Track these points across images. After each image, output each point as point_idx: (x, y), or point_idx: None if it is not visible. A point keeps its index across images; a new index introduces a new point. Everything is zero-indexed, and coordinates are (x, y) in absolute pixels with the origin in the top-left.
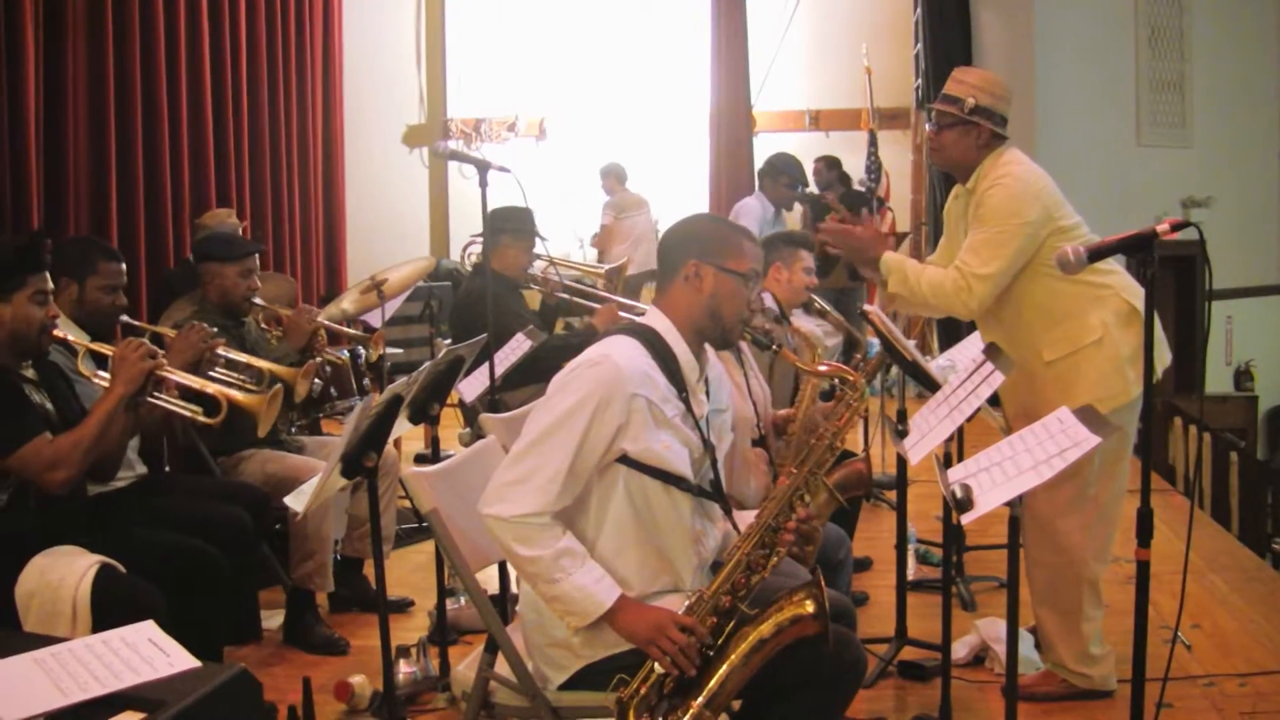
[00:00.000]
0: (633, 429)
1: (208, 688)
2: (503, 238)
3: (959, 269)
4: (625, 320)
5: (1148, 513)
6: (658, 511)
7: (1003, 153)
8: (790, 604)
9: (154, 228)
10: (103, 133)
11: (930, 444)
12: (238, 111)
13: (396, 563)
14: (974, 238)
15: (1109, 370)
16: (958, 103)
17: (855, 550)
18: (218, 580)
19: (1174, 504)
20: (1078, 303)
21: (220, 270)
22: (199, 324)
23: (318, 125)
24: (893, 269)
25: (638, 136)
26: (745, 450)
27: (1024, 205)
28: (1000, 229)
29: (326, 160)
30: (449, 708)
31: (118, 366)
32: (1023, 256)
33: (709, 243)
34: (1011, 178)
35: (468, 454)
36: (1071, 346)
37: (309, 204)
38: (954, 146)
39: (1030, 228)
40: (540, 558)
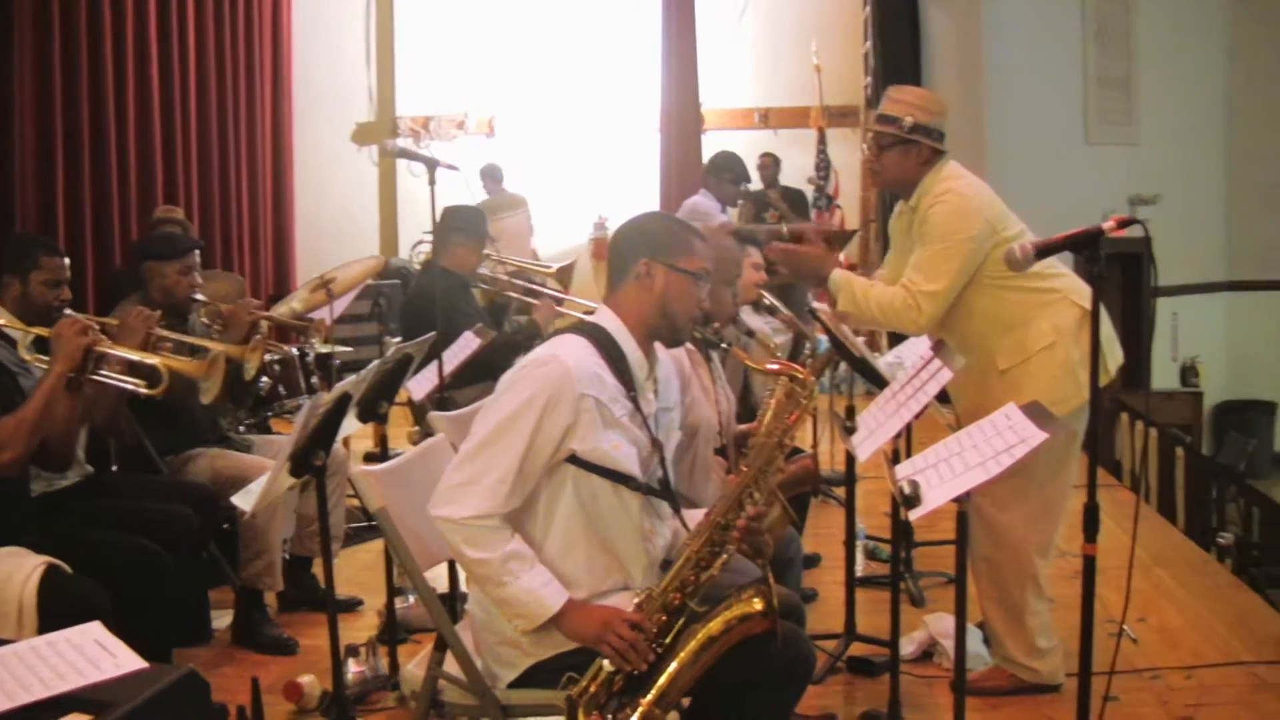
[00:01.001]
0: (581, 429)
1: (155, 689)
2: (453, 237)
3: (906, 287)
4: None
5: (1094, 508)
6: (606, 511)
7: (942, 168)
8: (739, 602)
9: (101, 226)
10: (49, 130)
11: (878, 440)
12: (186, 109)
13: (345, 562)
14: (919, 255)
15: (1060, 375)
16: (896, 122)
17: (804, 547)
18: (165, 580)
19: (1121, 499)
20: (1026, 310)
21: (160, 269)
22: (140, 307)
23: (266, 123)
24: (841, 288)
25: (588, 134)
26: (705, 455)
27: (967, 221)
28: (944, 245)
29: (275, 158)
30: (398, 707)
31: (55, 344)
32: (968, 271)
33: (660, 241)
34: (953, 194)
35: (416, 452)
36: (1024, 353)
37: (258, 202)
38: (895, 166)
39: (974, 243)
40: (489, 560)
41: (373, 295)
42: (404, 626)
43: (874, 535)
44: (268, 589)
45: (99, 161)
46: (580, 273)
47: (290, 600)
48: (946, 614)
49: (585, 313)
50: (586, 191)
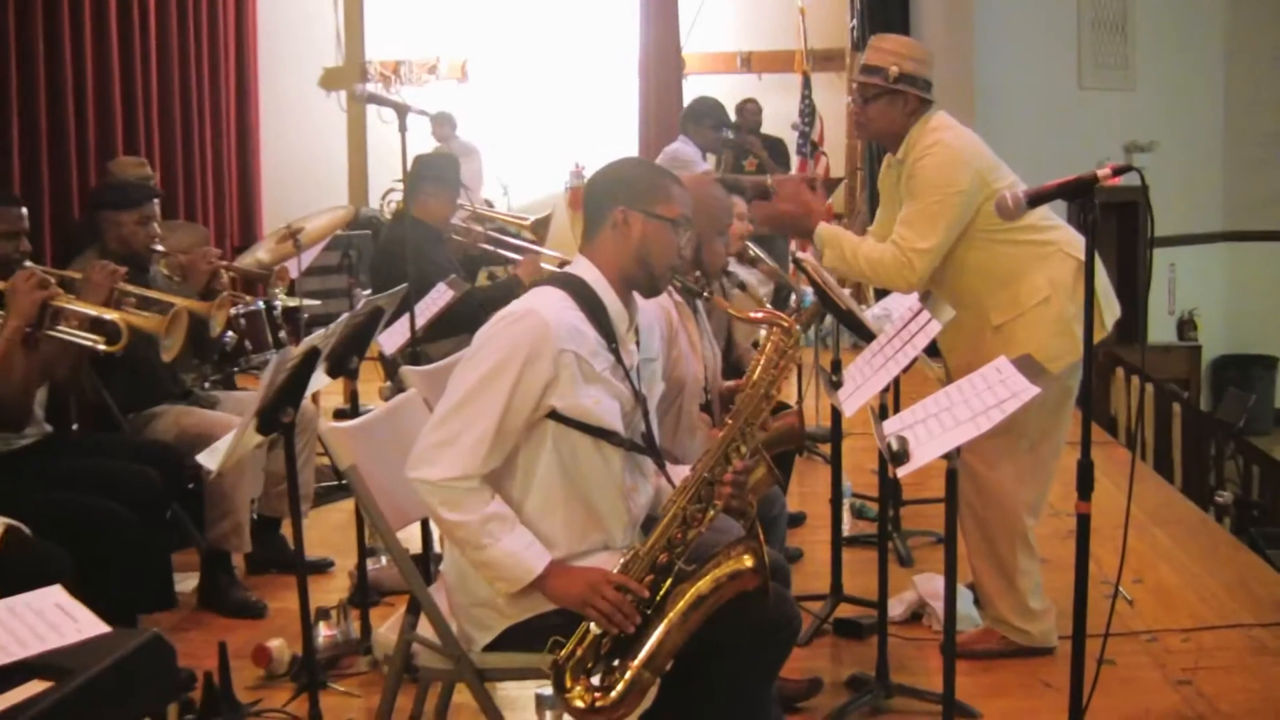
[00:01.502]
0: (561, 385)
1: (119, 654)
2: (425, 185)
3: (896, 244)
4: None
5: (1088, 465)
6: (587, 468)
7: (930, 118)
8: (729, 559)
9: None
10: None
11: (865, 395)
12: (146, 54)
13: (315, 522)
14: (908, 211)
15: (1056, 330)
16: (880, 73)
17: (789, 505)
18: (128, 543)
19: (1116, 456)
20: (1021, 263)
21: (116, 219)
22: (105, 261)
23: (230, 68)
24: (828, 242)
25: (564, 79)
26: (692, 411)
27: (956, 173)
28: (934, 200)
29: (240, 105)
30: (371, 671)
31: (10, 298)
32: (959, 225)
33: (637, 188)
34: (941, 145)
35: (388, 408)
36: (1018, 309)
37: (222, 150)
38: (881, 118)
39: (964, 196)
40: (468, 523)
41: (342, 246)
42: (376, 588)
43: (861, 493)
44: (235, 550)
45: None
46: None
47: (258, 562)
48: (936, 574)
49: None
50: (563, 139)
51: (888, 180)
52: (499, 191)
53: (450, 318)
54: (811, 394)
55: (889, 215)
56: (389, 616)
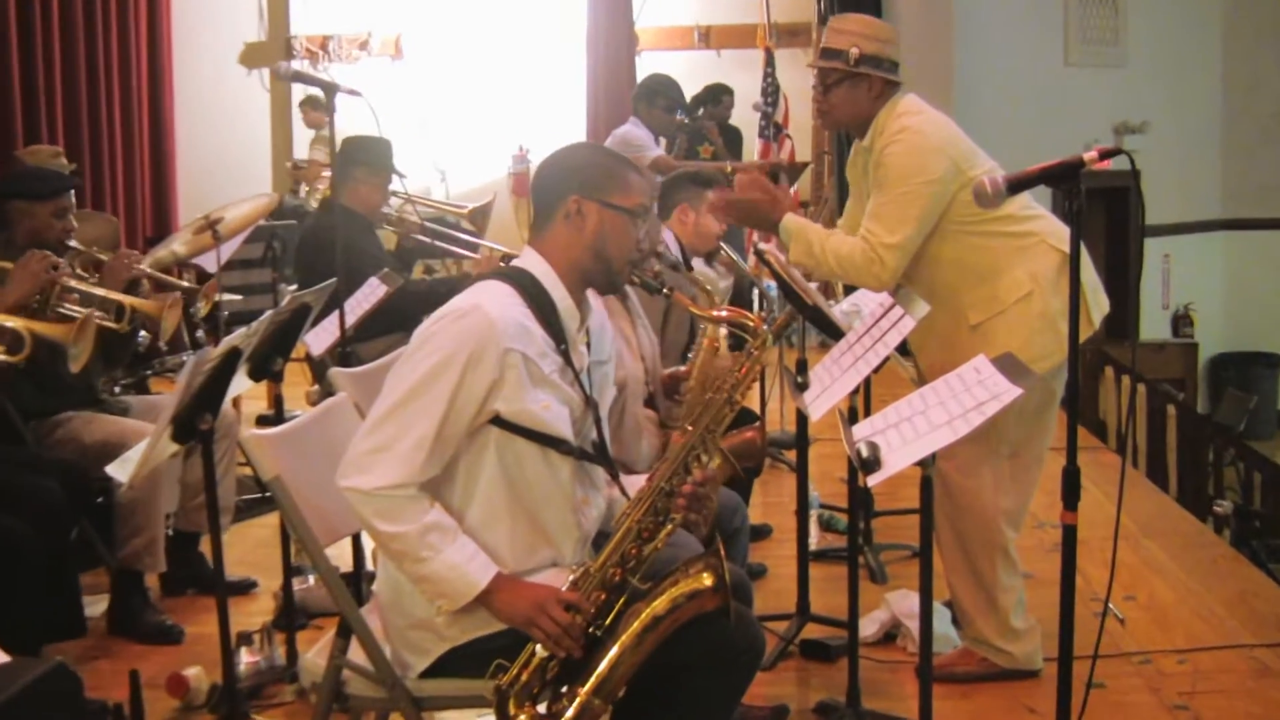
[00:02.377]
0: (506, 387)
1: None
2: (355, 171)
3: (866, 239)
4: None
5: (1075, 472)
6: (533, 478)
7: (898, 102)
8: (687, 577)
9: None
10: None
11: (833, 398)
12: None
13: (237, 538)
14: (876, 203)
15: (1040, 328)
16: (841, 56)
17: (752, 517)
18: (30, 564)
19: (1105, 462)
20: (999, 256)
21: (30, 209)
22: (42, 251)
23: (141, 44)
24: (795, 236)
25: (506, 55)
26: (637, 412)
27: (927, 160)
28: (903, 190)
29: (152, 84)
30: (297, 700)
31: None
32: (932, 217)
33: (592, 176)
34: (910, 131)
35: (316, 414)
36: (998, 306)
37: (133, 133)
38: (844, 105)
39: (936, 185)
40: (405, 534)
41: (265, 237)
42: (303, 610)
43: (829, 504)
44: (148, 570)
45: None
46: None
47: (174, 582)
48: (911, 591)
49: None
50: (505, 120)
51: (856, 168)
52: (436, 177)
53: (384, 315)
54: (776, 396)
55: (859, 206)
56: (317, 640)
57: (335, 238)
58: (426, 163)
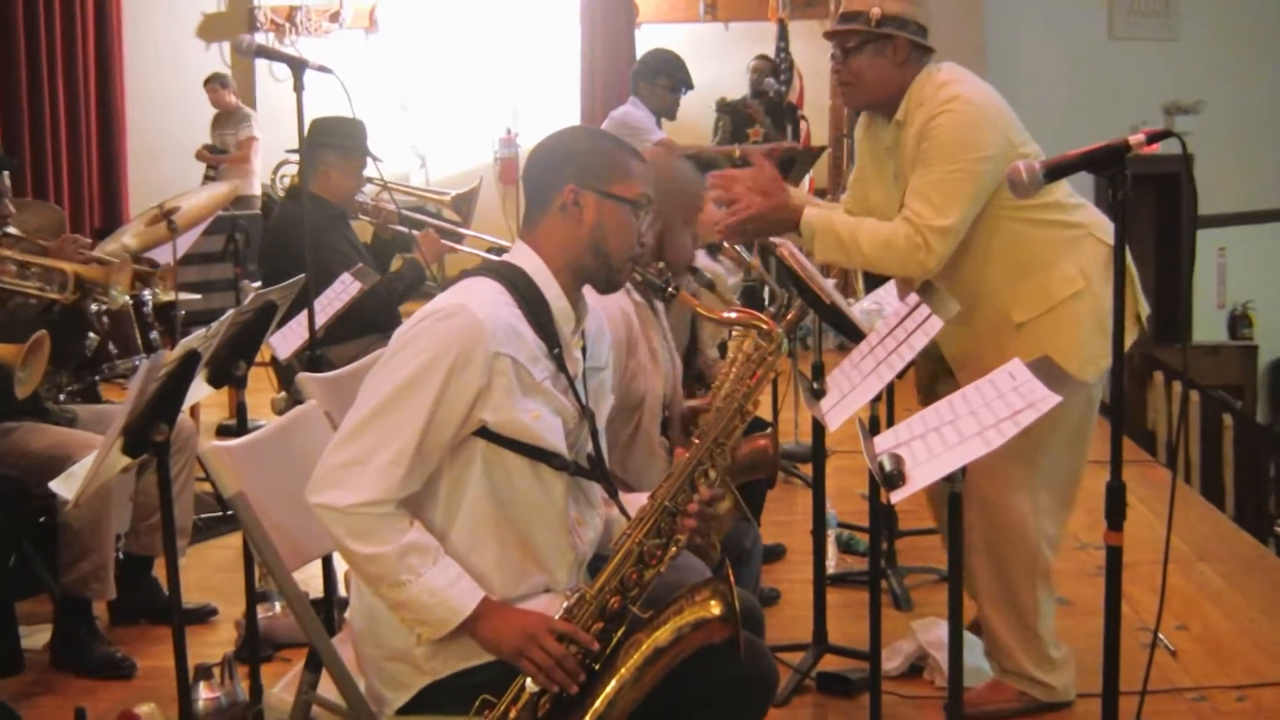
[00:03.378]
0: (494, 395)
1: None
2: (325, 156)
3: (910, 222)
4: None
5: (1120, 488)
6: (523, 495)
7: (936, 71)
8: (692, 605)
9: None
10: None
11: (853, 406)
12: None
13: (195, 561)
14: (922, 181)
15: (1092, 328)
16: (860, 17)
17: (764, 537)
18: None
19: (1153, 478)
20: (1050, 248)
21: None
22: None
23: (88, 16)
24: (818, 232)
25: (492, 28)
26: (651, 432)
27: (981, 135)
28: (954, 168)
29: (100, 59)
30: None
31: None
32: (983, 198)
33: (589, 163)
34: (961, 100)
35: (282, 424)
36: (1046, 303)
37: (79, 114)
38: (869, 72)
39: (990, 163)
40: (382, 555)
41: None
42: (268, 641)
43: (848, 523)
44: (96, 597)
45: None
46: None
47: (125, 611)
48: (938, 619)
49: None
50: (491, 100)
51: (868, 143)
52: (415, 163)
53: (357, 315)
54: (789, 405)
55: (867, 188)
56: (284, 674)
57: (304, 229)
58: (404, 147)
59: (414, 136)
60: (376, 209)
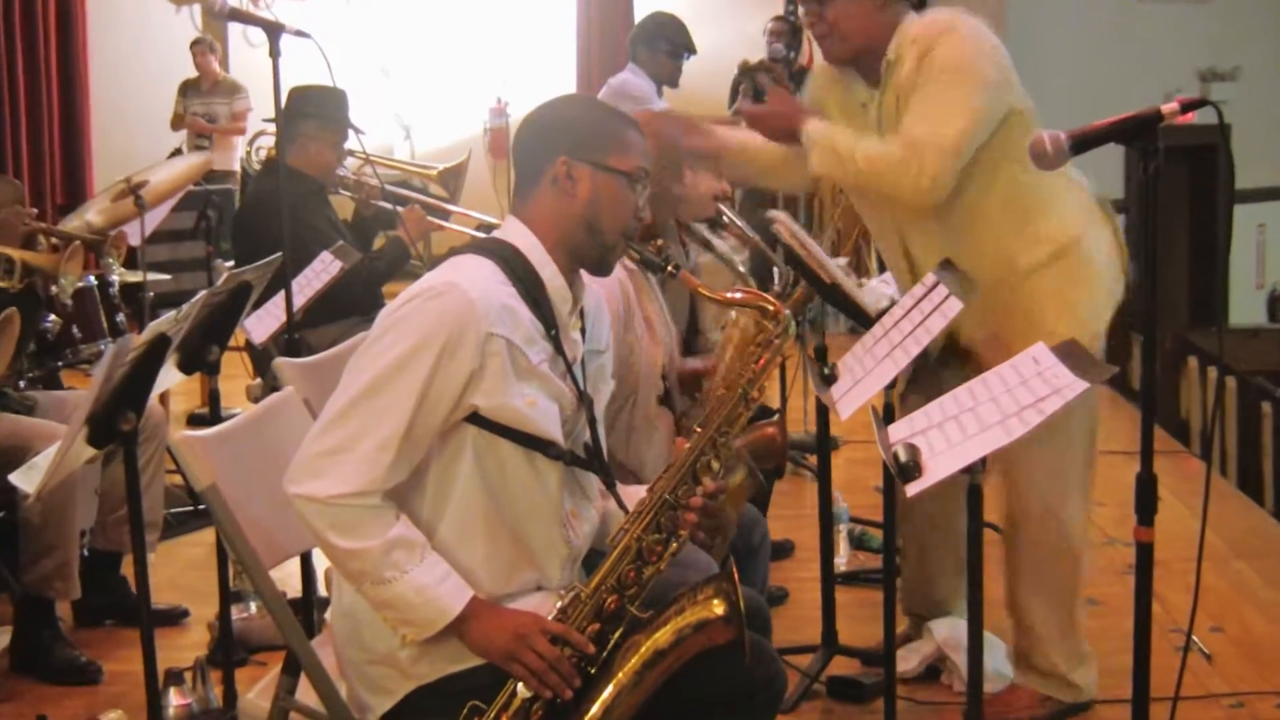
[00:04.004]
0: (487, 379)
1: None
2: (304, 127)
3: (906, 138)
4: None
5: (1150, 480)
6: (516, 486)
7: (929, 11)
8: (694, 604)
9: None
10: None
11: (866, 393)
12: None
13: (165, 559)
14: (919, 103)
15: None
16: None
17: (772, 533)
18: None
19: (1186, 469)
20: (1046, 193)
21: None
22: None
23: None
24: (817, 141)
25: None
26: (648, 408)
27: (980, 63)
28: (953, 90)
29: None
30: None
31: None
32: (983, 126)
33: (584, 134)
34: (957, 34)
35: (258, 412)
36: (1052, 245)
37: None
38: (845, 21)
39: (991, 90)
40: (366, 550)
41: (197, 205)
42: (242, 643)
43: (861, 517)
44: (60, 597)
45: None
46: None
47: (91, 612)
48: (957, 618)
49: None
50: (480, 67)
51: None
52: (399, 134)
53: (338, 296)
54: (798, 391)
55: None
56: (260, 679)
57: (280, 205)
58: (388, 116)
59: (398, 105)
60: (358, 184)
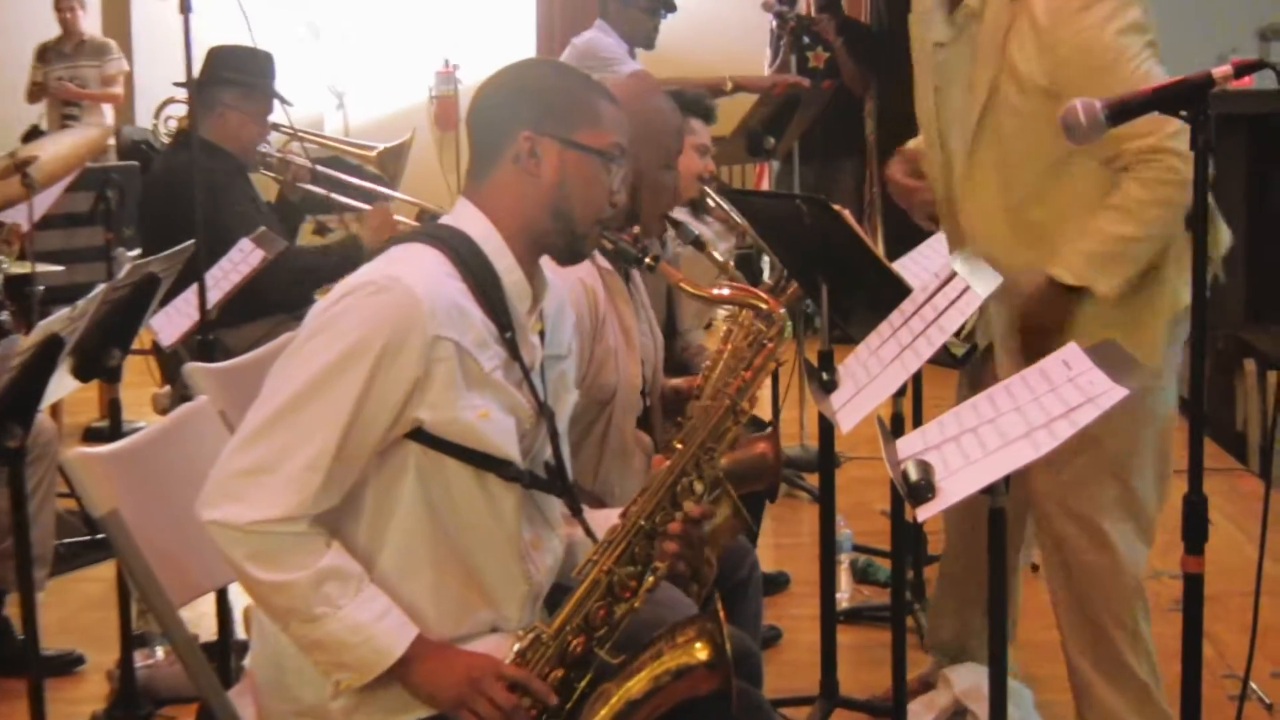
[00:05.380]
0: (434, 388)
1: None
2: (222, 94)
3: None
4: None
5: (1200, 502)
6: (466, 513)
7: None
8: (673, 648)
9: None
10: None
11: (871, 401)
12: None
13: (57, 597)
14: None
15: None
16: None
17: (764, 563)
18: None
19: (1243, 489)
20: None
21: None
22: None
23: None
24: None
25: None
26: (625, 429)
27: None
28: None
29: None
30: None
31: None
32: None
33: (551, 105)
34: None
35: (167, 425)
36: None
37: None
38: None
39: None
40: (293, 584)
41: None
42: (148, 694)
43: (866, 545)
44: None
45: None
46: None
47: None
48: (977, 664)
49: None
50: (425, 25)
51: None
52: (331, 103)
53: (260, 291)
54: (792, 401)
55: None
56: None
57: (194, 184)
58: (319, 83)
59: (329, 70)
60: (283, 162)
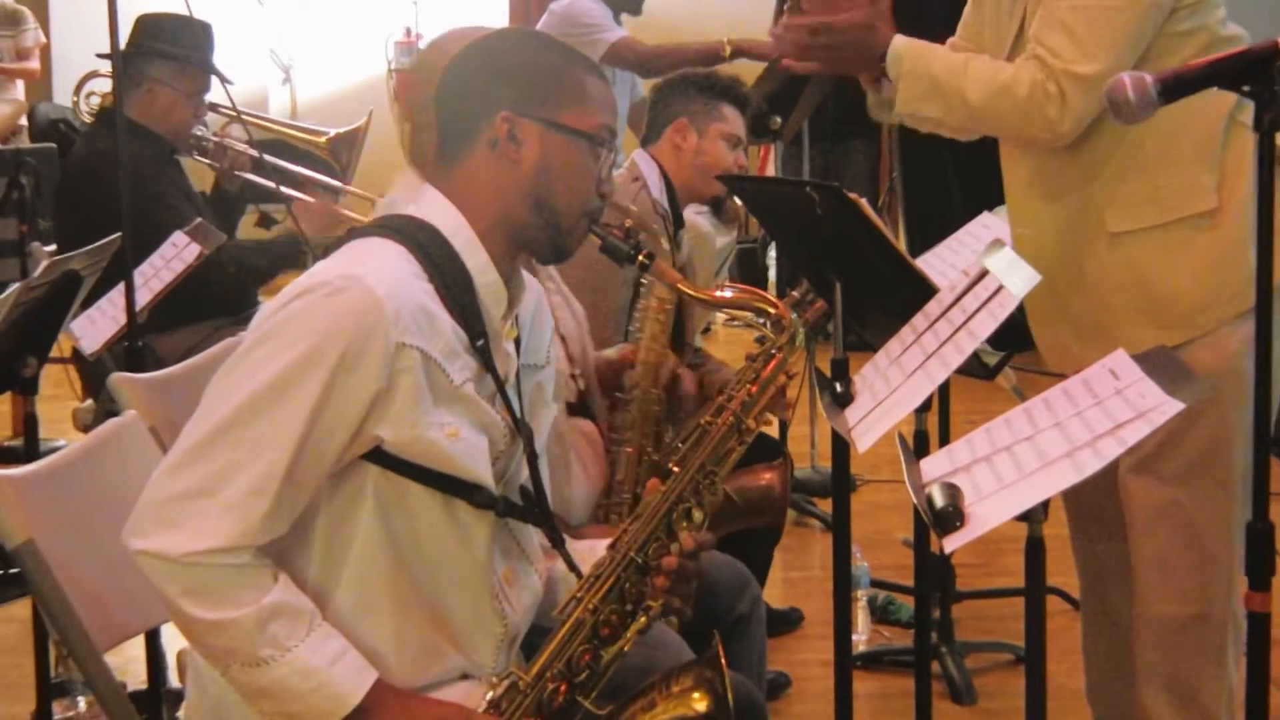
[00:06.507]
0: (396, 403)
1: None
2: (151, 69)
3: (1041, 61)
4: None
5: (1266, 530)
6: (432, 545)
7: None
8: (667, 698)
9: None
10: None
11: (891, 416)
12: None
13: None
14: (1064, 7)
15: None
16: None
17: (770, 599)
18: None
19: None
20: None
21: None
22: None
23: None
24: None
25: None
26: (563, 426)
27: None
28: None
29: None
30: None
31: None
32: (1140, 46)
33: (531, 81)
34: None
35: (90, 444)
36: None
37: None
38: None
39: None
40: (235, 623)
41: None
42: None
43: (885, 580)
44: None
45: None
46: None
47: None
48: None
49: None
50: None
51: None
52: (276, 77)
53: (195, 292)
54: (803, 416)
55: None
56: None
57: (119, 170)
58: (261, 54)
59: (274, 38)
60: (221, 148)
